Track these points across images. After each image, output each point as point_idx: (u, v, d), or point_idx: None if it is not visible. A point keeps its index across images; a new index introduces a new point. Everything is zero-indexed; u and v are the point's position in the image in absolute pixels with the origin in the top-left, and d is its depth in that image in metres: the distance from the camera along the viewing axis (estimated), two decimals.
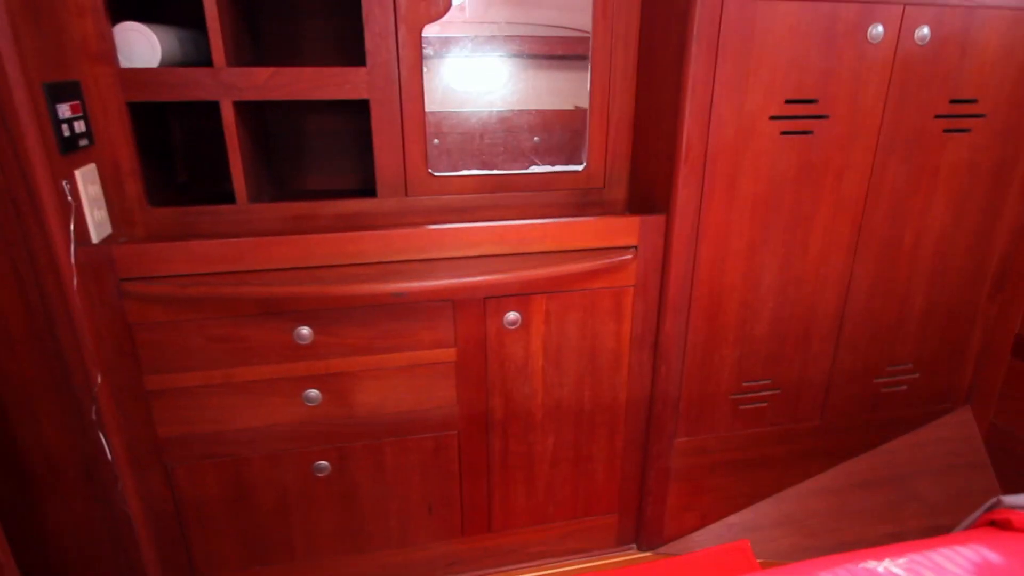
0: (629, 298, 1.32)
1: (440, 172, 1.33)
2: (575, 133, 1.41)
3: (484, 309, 1.26)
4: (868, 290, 1.44)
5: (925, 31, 1.23)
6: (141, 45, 1.11)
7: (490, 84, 1.39)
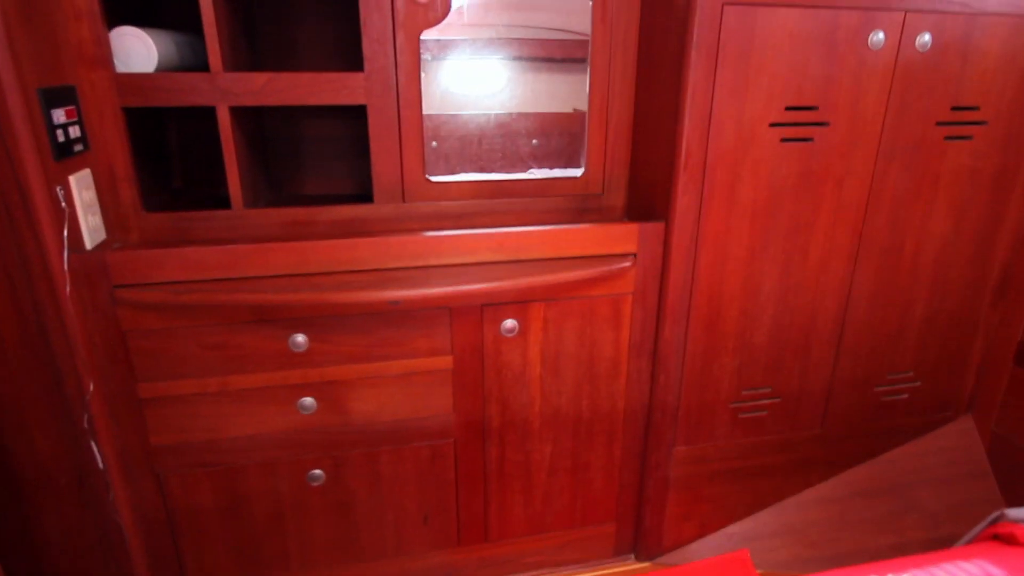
0: (628, 306, 1.31)
1: (438, 175, 1.33)
2: (573, 136, 1.40)
3: (481, 316, 1.25)
4: (869, 298, 1.43)
5: (926, 38, 1.23)
6: (137, 50, 1.11)
7: (488, 87, 1.38)
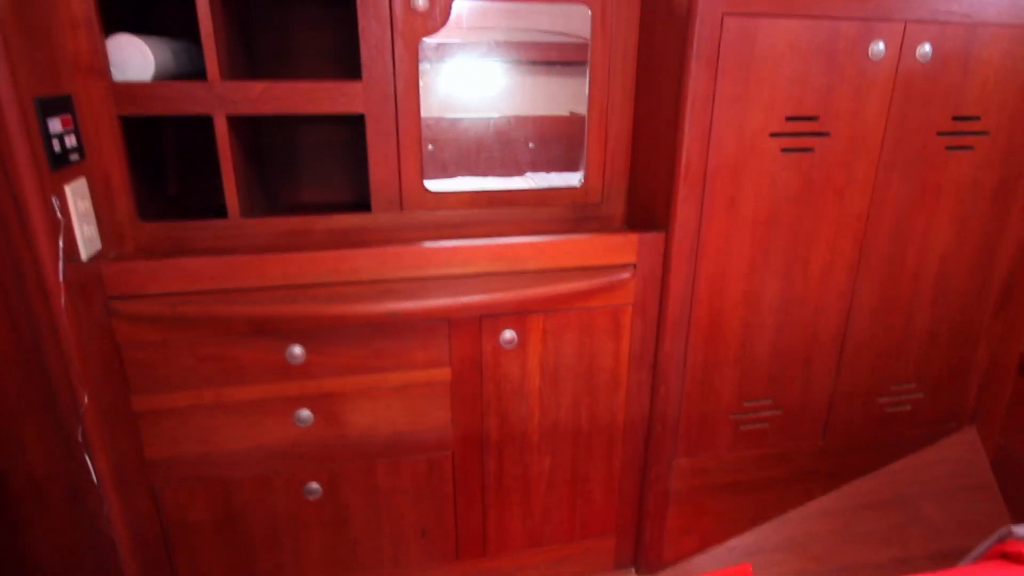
0: (627, 317, 1.30)
1: (435, 179, 1.32)
2: (571, 139, 1.40)
3: (480, 328, 1.23)
4: (871, 309, 1.41)
5: (927, 48, 1.22)
6: (134, 58, 1.10)
7: (486, 90, 1.37)
